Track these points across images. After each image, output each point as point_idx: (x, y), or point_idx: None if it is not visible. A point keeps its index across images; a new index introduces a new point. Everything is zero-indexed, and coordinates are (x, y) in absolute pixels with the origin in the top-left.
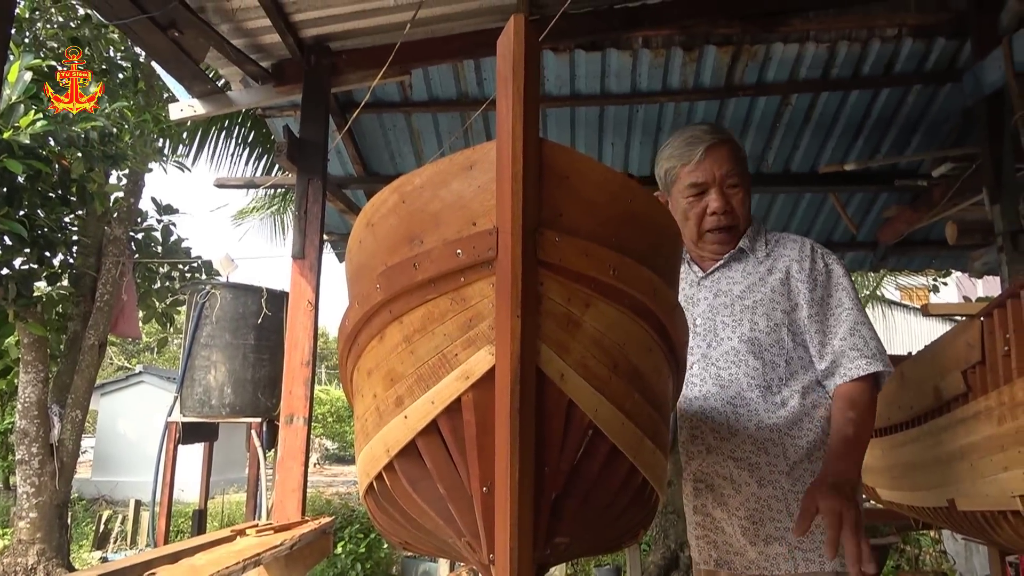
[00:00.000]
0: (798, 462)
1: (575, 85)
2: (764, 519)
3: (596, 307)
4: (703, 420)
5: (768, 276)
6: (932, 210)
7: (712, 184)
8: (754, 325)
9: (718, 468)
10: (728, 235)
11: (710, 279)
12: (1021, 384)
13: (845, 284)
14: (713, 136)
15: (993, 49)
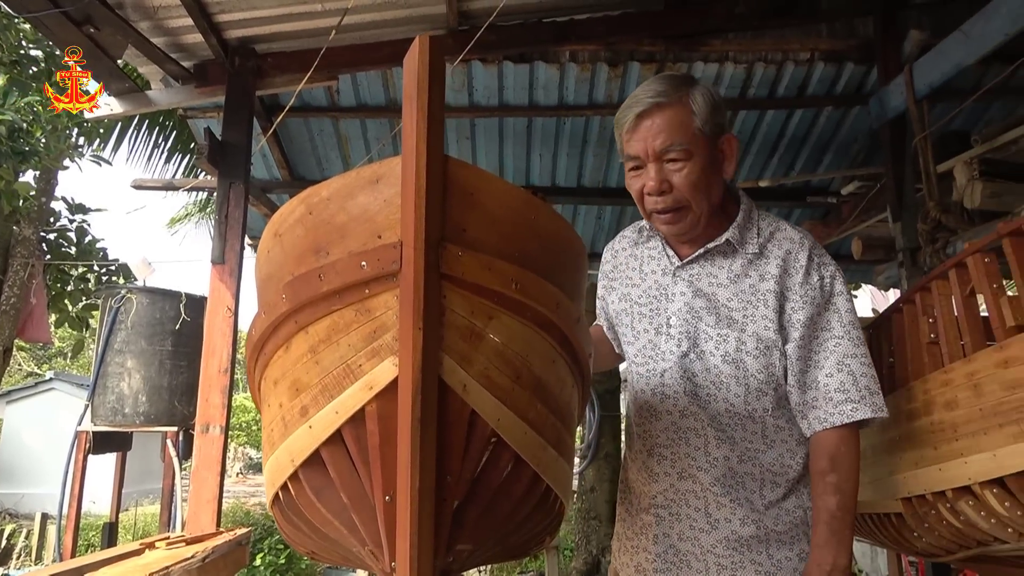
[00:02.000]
0: (776, 501)
1: (504, 96)
2: (744, 560)
3: (499, 320)
4: (677, 440)
5: (759, 284)
6: (841, 226)
7: (647, 158)
8: (741, 345)
9: (691, 498)
10: (674, 216)
11: (687, 271)
12: (904, 393)
13: (839, 305)
14: (650, 98)
15: (897, 75)
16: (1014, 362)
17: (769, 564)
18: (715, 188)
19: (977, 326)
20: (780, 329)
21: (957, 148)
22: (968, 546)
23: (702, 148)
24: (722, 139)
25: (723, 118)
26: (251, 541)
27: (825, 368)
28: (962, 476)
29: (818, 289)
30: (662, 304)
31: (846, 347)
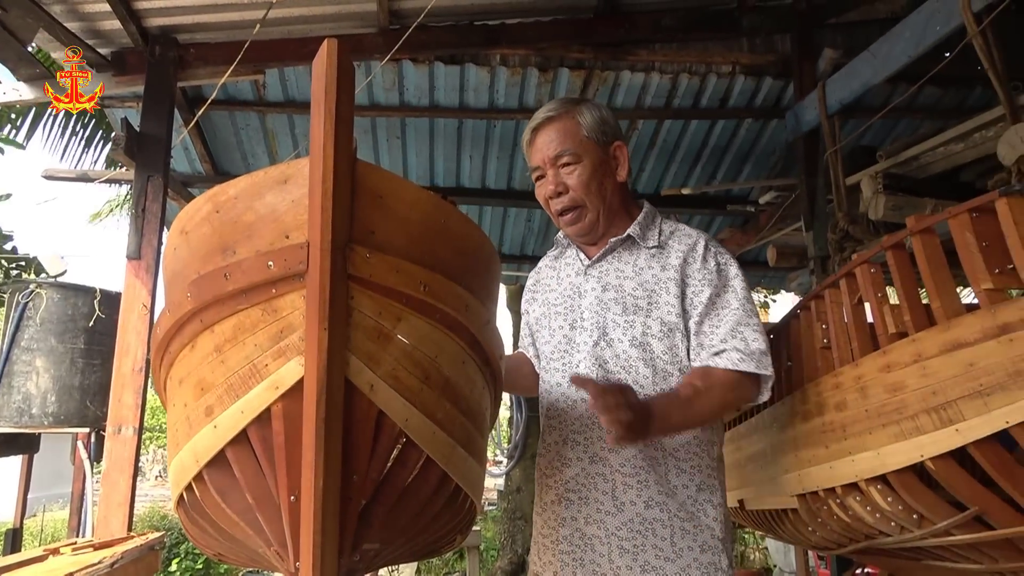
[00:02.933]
0: (683, 487)
1: (435, 97)
2: (647, 544)
3: (407, 321)
4: (588, 425)
5: (661, 273)
6: (759, 234)
7: (546, 166)
8: (647, 329)
9: (600, 481)
10: (574, 215)
11: (597, 268)
12: (800, 395)
13: (736, 286)
14: (543, 115)
15: (811, 91)
16: (895, 366)
17: (671, 550)
18: (609, 189)
19: (864, 332)
20: (683, 312)
21: (865, 162)
22: (856, 539)
23: (591, 153)
24: (613, 146)
25: (612, 128)
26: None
27: (719, 334)
28: (850, 473)
29: (715, 273)
30: (575, 301)
31: (740, 316)
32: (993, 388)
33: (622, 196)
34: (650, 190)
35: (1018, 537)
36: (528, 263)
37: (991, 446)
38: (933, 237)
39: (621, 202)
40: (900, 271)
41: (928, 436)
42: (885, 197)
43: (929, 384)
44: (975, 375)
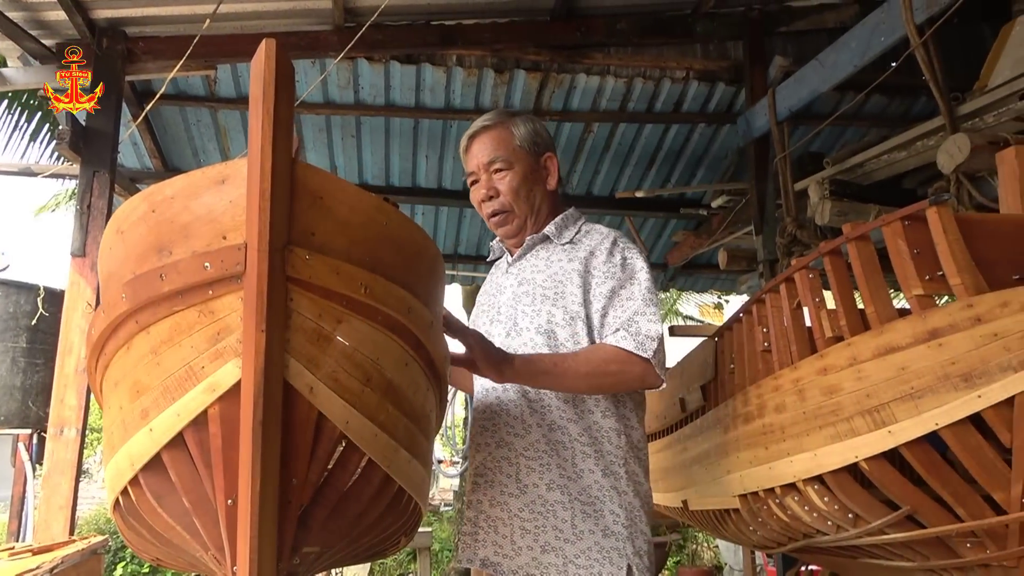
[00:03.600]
0: (587, 471)
1: (390, 96)
2: (547, 525)
3: (348, 323)
4: (497, 412)
5: (568, 265)
6: (711, 237)
7: (479, 172)
8: (551, 316)
9: (504, 464)
10: (502, 218)
11: (516, 266)
12: (742, 398)
13: (641, 279)
14: (479, 124)
15: (762, 98)
16: (831, 369)
17: (571, 532)
18: (538, 196)
19: (802, 336)
20: (585, 302)
21: (813, 168)
22: (795, 538)
23: (522, 161)
24: (544, 157)
25: (544, 141)
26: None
27: (618, 322)
28: (788, 474)
29: (620, 267)
30: (496, 298)
31: (639, 307)
32: (923, 391)
33: (551, 203)
34: (605, 192)
35: (947, 536)
36: (484, 264)
37: (922, 447)
38: (868, 244)
39: (550, 209)
40: (836, 276)
41: (862, 438)
42: (831, 203)
43: (863, 387)
44: (907, 378)
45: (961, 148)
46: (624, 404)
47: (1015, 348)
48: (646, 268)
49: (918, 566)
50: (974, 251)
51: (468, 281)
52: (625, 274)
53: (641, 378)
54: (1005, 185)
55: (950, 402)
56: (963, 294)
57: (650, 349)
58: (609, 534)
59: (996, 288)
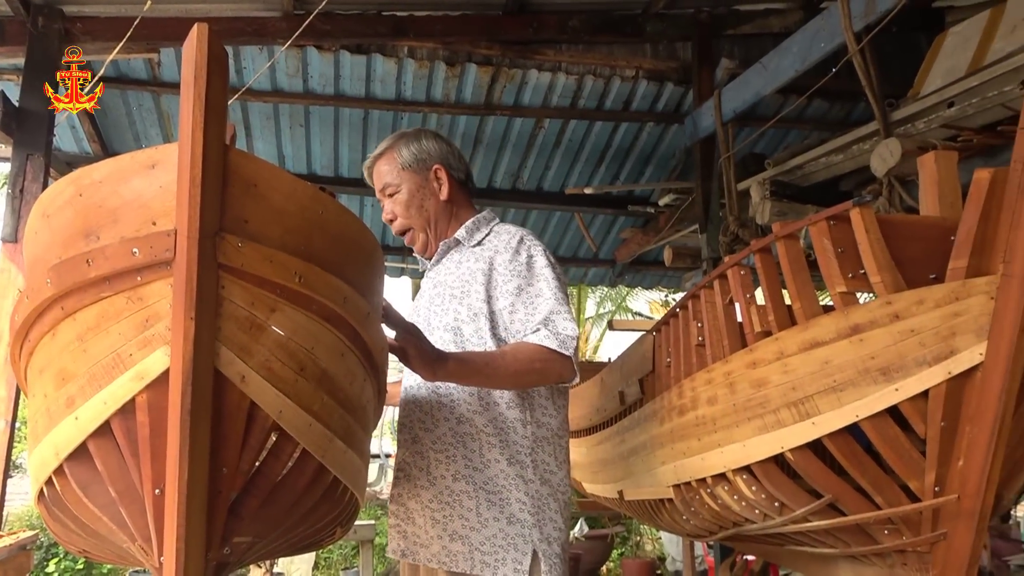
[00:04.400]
0: (492, 462)
1: (340, 86)
2: (453, 514)
3: (282, 312)
4: (413, 409)
5: (474, 265)
6: (658, 235)
7: (382, 199)
8: (457, 314)
9: (418, 459)
10: (408, 236)
11: (433, 271)
12: (677, 390)
13: (547, 275)
14: (372, 156)
15: (709, 99)
16: (760, 363)
17: (476, 520)
18: (431, 209)
19: (734, 331)
20: (489, 299)
21: (756, 169)
22: (726, 527)
23: (407, 180)
24: (432, 171)
25: (432, 156)
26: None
27: (535, 321)
28: (719, 464)
29: (525, 265)
30: (417, 303)
31: (552, 305)
32: (845, 384)
33: (451, 211)
34: (556, 188)
35: (866, 523)
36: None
37: (843, 438)
38: (796, 242)
39: (450, 216)
40: (766, 274)
41: (788, 429)
42: (771, 203)
43: (789, 380)
44: (830, 372)
45: (893, 152)
46: (531, 396)
47: (930, 344)
48: (551, 266)
49: (840, 552)
50: (894, 251)
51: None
52: (531, 272)
53: (560, 374)
54: (924, 188)
55: (870, 395)
56: (883, 292)
57: (571, 347)
58: (514, 521)
59: (914, 286)
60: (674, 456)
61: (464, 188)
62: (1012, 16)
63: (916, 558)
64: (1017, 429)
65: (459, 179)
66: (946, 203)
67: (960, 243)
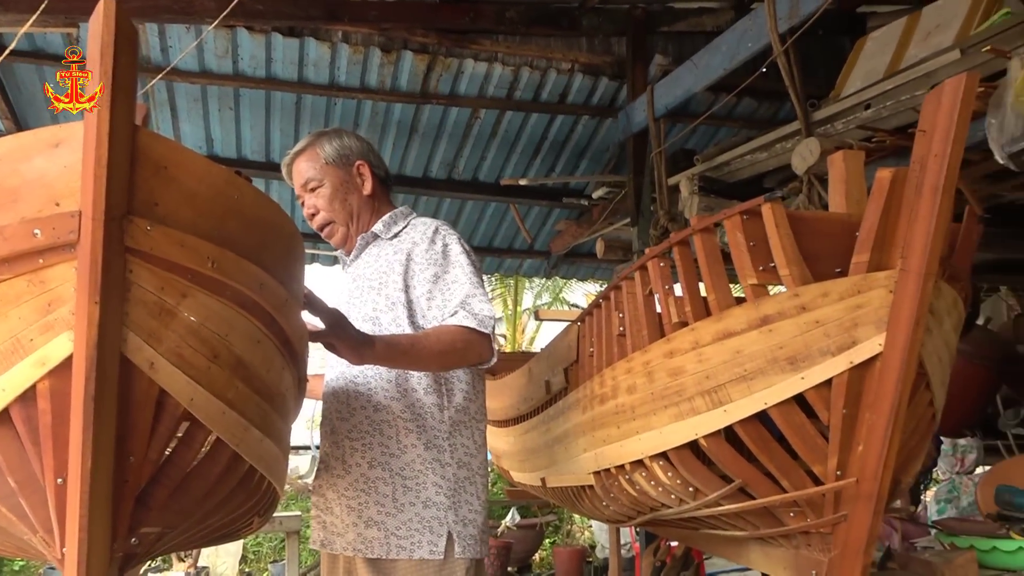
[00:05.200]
0: (409, 448)
1: (271, 68)
2: (369, 501)
3: (194, 298)
4: (331, 401)
5: (392, 257)
6: (592, 227)
7: (302, 194)
8: (375, 304)
9: (334, 449)
10: (328, 230)
11: (352, 266)
12: (599, 379)
13: (462, 262)
14: (292, 152)
15: (642, 94)
16: (677, 352)
17: (392, 506)
18: (354, 203)
19: (653, 321)
20: (407, 288)
21: (686, 165)
22: (643, 512)
23: (331, 175)
24: (355, 166)
25: (355, 152)
26: None
27: (452, 305)
28: (637, 451)
29: (440, 254)
30: (338, 298)
31: (468, 289)
32: (755, 373)
33: (372, 206)
34: (491, 179)
35: (774, 506)
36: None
37: (753, 425)
38: (712, 236)
39: (372, 211)
40: (683, 266)
41: (701, 416)
42: (699, 198)
43: (704, 369)
44: (741, 361)
45: (812, 151)
46: (449, 381)
47: (833, 334)
48: (466, 253)
49: (750, 535)
50: (802, 245)
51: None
52: (447, 260)
53: (480, 354)
54: (833, 187)
55: (778, 383)
56: (791, 284)
57: (489, 326)
58: (430, 505)
59: (820, 280)
60: (595, 444)
61: (384, 185)
62: (926, 24)
63: (819, 539)
64: (913, 417)
65: (380, 176)
66: (852, 201)
67: (862, 239)
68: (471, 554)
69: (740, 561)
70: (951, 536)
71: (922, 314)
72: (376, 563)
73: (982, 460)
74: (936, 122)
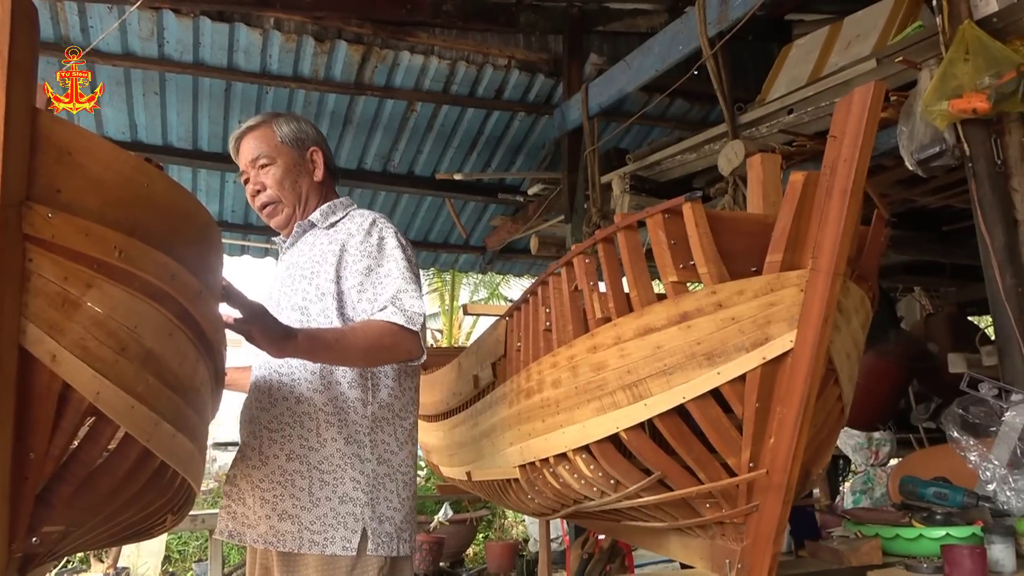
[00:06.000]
0: (329, 441)
1: (199, 54)
2: (284, 494)
3: (100, 288)
4: (253, 390)
5: (327, 247)
6: (527, 223)
7: (248, 171)
8: (305, 294)
9: (251, 439)
10: (271, 209)
11: (287, 253)
12: (525, 374)
13: (397, 256)
14: (244, 126)
15: (577, 92)
16: (600, 348)
17: (308, 500)
18: (304, 187)
19: (578, 317)
20: (338, 279)
21: (619, 163)
22: (567, 504)
23: (285, 156)
24: (310, 151)
25: (310, 137)
26: None
27: (382, 299)
28: (561, 444)
29: (375, 246)
30: (270, 287)
31: (400, 284)
32: (674, 368)
33: (320, 193)
34: (427, 173)
35: (691, 497)
36: None
37: (672, 419)
38: (635, 233)
39: (319, 198)
40: (607, 262)
41: (623, 410)
42: (630, 197)
43: (625, 364)
44: (661, 356)
45: (737, 153)
46: (376, 376)
47: (748, 331)
48: (402, 247)
49: (668, 525)
50: (720, 244)
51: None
52: (381, 253)
53: (409, 351)
54: (751, 188)
55: (695, 378)
56: (709, 282)
57: (417, 323)
58: (346, 500)
59: (737, 278)
60: (520, 437)
61: (332, 176)
62: (847, 33)
63: (733, 529)
64: (822, 411)
65: (330, 166)
66: (769, 202)
67: (775, 239)
68: (386, 552)
69: (660, 552)
70: (859, 525)
71: (830, 312)
72: (288, 556)
73: (895, 452)
74: (846, 128)
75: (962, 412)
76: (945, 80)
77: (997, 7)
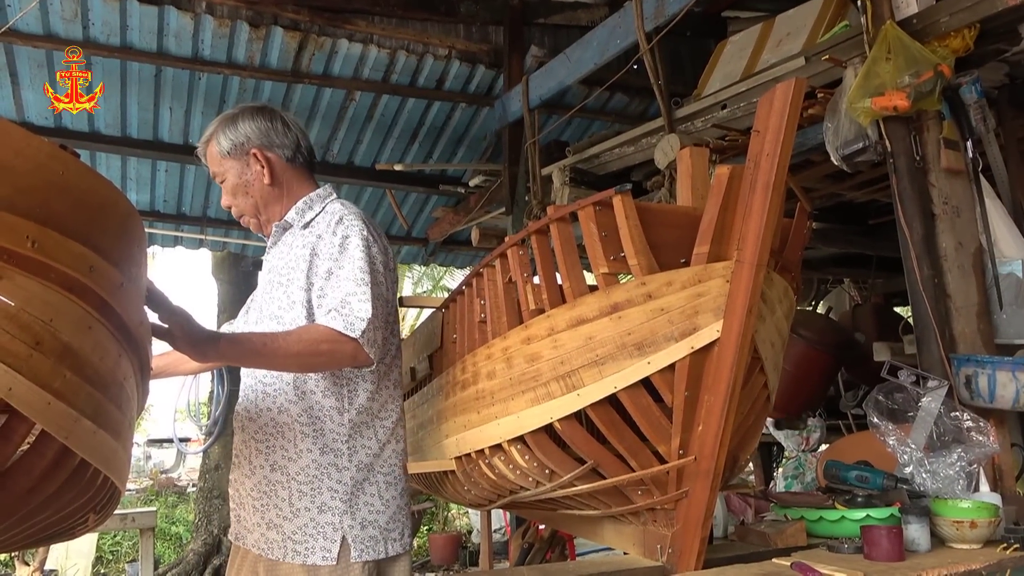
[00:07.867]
0: (305, 451)
1: (127, 36)
2: (269, 504)
3: (11, 280)
4: (242, 399)
5: (301, 250)
6: (469, 215)
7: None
8: (280, 303)
9: (243, 447)
10: (243, 221)
11: (269, 255)
12: (460, 366)
13: (356, 256)
14: (199, 146)
15: (518, 84)
16: (534, 339)
17: (289, 510)
18: (256, 192)
19: (512, 308)
20: (308, 286)
21: (560, 156)
22: (503, 495)
23: (229, 169)
24: (249, 156)
25: (251, 139)
26: None
27: (332, 303)
28: (496, 435)
29: (338, 247)
30: (255, 293)
31: (350, 287)
32: (606, 358)
33: (279, 193)
34: (367, 163)
35: (623, 485)
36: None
37: (604, 408)
38: (567, 225)
39: (280, 197)
40: (541, 254)
41: (557, 401)
42: (569, 189)
43: (559, 355)
44: (593, 347)
45: (673, 147)
46: (352, 382)
47: (677, 321)
48: (362, 245)
49: (602, 513)
50: (650, 236)
51: (218, 247)
52: (342, 254)
53: (352, 357)
54: (680, 181)
55: (626, 368)
56: (639, 273)
57: (359, 329)
58: (325, 510)
59: (667, 269)
60: (456, 429)
61: (295, 164)
62: (779, 31)
63: (663, 515)
64: (747, 399)
65: (286, 156)
66: (697, 195)
67: (703, 231)
68: (371, 556)
69: (595, 539)
70: (786, 508)
71: (755, 302)
72: (274, 564)
73: (825, 439)
74: (768, 123)
75: (882, 398)
76: (868, 78)
77: (917, 8)
